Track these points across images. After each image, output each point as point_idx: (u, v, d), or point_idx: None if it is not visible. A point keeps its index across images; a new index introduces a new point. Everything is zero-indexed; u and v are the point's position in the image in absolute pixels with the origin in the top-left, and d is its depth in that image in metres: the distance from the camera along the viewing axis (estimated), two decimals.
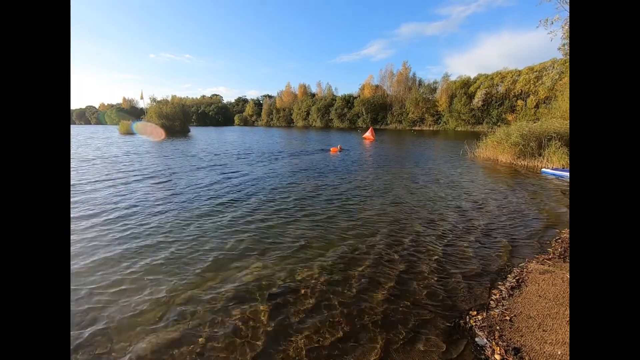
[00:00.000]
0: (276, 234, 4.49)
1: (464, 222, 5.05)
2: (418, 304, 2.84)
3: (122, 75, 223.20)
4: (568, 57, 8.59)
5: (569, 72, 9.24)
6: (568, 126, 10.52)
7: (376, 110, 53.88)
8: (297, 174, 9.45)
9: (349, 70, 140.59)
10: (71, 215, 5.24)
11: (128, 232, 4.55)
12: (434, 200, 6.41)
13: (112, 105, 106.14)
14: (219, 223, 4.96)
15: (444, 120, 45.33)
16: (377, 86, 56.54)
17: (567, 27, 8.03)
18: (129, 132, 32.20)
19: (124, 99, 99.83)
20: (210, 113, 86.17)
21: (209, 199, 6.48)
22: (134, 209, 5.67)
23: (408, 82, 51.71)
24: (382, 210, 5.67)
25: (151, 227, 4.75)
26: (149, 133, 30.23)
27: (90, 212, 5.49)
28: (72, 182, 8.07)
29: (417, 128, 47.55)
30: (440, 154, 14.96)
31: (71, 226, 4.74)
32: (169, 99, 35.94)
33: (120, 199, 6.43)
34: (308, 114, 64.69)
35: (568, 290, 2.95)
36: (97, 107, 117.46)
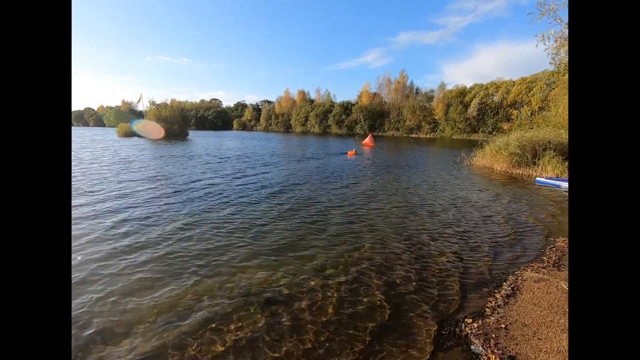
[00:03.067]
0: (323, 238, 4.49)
1: (460, 230, 5.08)
2: (413, 311, 2.84)
3: (121, 77, 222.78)
4: (558, 69, 8.84)
5: (567, 80, 9.45)
6: (562, 135, 10.70)
7: (374, 117, 54.41)
8: (330, 180, 9.47)
9: (348, 77, 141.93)
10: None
11: (143, 233, 4.52)
12: (430, 208, 6.45)
13: (110, 108, 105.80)
14: (264, 229, 4.96)
15: (440, 128, 45.85)
16: (374, 93, 57.25)
17: (558, 42, 8.30)
18: (128, 135, 32.20)
19: (123, 101, 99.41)
20: (209, 117, 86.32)
21: (248, 201, 6.47)
22: (151, 214, 5.64)
23: (405, 90, 52.45)
24: (381, 217, 5.70)
25: (181, 233, 4.73)
26: (149, 131, 30.59)
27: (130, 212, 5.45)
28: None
29: (414, 135, 47.98)
30: (437, 162, 15.10)
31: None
32: (168, 102, 35.83)
33: (128, 202, 6.40)
34: (306, 119, 65.07)
35: (563, 298, 2.97)
36: (95, 109, 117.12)
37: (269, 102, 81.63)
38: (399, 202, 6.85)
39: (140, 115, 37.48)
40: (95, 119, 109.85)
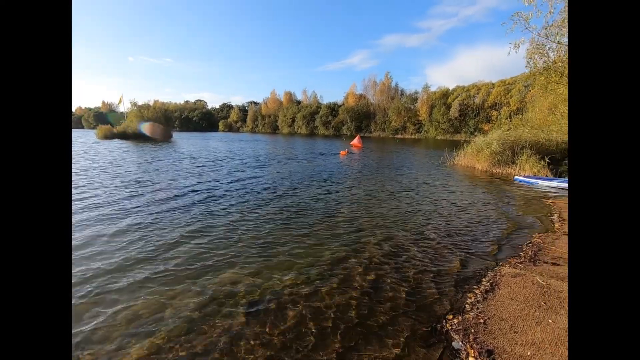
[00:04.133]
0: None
1: (441, 228, 5.21)
2: (396, 309, 2.88)
3: (100, 78, 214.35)
4: (532, 72, 9.45)
5: (543, 82, 9.95)
6: (538, 135, 11.20)
7: (360, 118, 54.94)
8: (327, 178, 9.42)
9: (334, 78, 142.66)
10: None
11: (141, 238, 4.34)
12: (413, 206, 6.58)
13: (89, 109, 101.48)
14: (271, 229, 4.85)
15: (424, 129, 46.85)
16: (360, 95, 57.82)
17: (531, 48, 8.95)
18: (107, 137, 31.15)
19: (103, 102, 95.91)
20: (194, 118, 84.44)
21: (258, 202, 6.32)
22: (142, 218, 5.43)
23: (390, 92, 53.28)
24: (364, 216, 5.75)
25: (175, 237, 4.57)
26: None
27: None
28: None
29: (399, 136, 48.80)
30: (422, 162, 15.43)
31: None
32: (151, 103, 34.90)
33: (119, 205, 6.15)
34: (293, 121, 64.86)
35: (538, 292, 3.10)
36: (74, 110, 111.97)
37: (256, 104, 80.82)
38: (381, 201, 6.94)
39: (121, 116, 36.45)
40: (74, 120, 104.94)
